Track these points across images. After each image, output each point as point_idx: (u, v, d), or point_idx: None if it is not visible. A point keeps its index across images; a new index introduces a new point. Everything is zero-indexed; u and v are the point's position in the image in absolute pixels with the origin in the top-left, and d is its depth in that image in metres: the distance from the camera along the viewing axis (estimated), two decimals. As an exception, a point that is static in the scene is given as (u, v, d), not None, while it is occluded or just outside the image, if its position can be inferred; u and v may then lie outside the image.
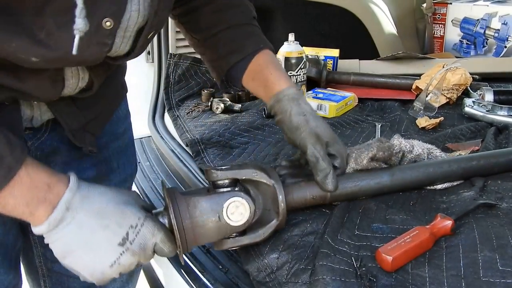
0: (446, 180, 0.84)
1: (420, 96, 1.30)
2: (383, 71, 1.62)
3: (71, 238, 0.60)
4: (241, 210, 0.65)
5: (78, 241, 0.60)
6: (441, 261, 0.64)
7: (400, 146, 0.84)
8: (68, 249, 0.60)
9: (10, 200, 0.57)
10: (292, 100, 0.81)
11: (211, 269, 0.81)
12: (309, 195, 0.75)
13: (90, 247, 0.60)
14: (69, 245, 0.60)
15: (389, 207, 0.79)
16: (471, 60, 1.71)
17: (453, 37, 2.04)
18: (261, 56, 0.88)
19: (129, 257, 0.62)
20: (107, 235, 0.60)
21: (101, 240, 0.60)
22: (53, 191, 0.59)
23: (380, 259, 0.64)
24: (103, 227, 0.60)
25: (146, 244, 0.63)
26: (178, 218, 0.64)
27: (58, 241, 0.60)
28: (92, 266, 0.61)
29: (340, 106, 1.34)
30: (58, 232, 0.59)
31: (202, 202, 0.65)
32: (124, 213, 0.62)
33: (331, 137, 0.79)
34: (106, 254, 0.61)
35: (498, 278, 0.59)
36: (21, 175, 0.57)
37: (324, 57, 1.61)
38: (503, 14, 1.86)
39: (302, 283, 0.63)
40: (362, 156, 0.79)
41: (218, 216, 0.65)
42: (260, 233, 0.69)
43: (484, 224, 0.70)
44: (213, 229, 0.65)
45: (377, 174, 0.80)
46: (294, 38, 1.29)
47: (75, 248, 0.60)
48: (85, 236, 0.60)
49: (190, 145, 1.19)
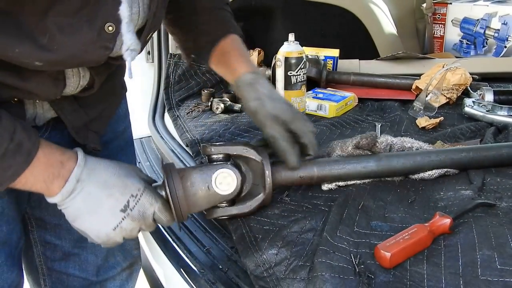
0: (433, 168, 0.85)
1: (420, 96, 1.30)
2: (383, 71, 1.62)
3: (80, 205, 0.68)
4: (229, 180, 0.73)
5: (86, 206, 0.68)
6: (439, 259, 0.64)
7: (387, 142, 0.86)
8: (78, 213, 0.69)
9: (30, 178, 0.64)
10: (249, 85, 0.83)
11: (211, 269, 0.81)
12: (296, 174, 0.80)
13: (96, 212, 0.68)
14: (79, 210, 0.68)
15: (387, 204, 0.79)
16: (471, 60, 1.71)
17: (453, 37, 2.04)
18: (228, 41, 0.90)
19: (129, 222, 0.70)
20: (110, 202, 0.69)
21: (105, 206, 0.68)
22: (65, 167, 0.67)
23: (378, 256, 0.64)
24: (107, 195, 0.68)
25: (145, 212, 0.71)
26: (172, 188, 0.71)
27: (69, 207, 0.68)
28: (98, 228, 0.69)
29: (340, 106, 1.34)
30: (70, 200, 0.67)
31: (193, 174, 0.73)
32: (125, 184, 0.70)
33: (290, 116, 0.79)
34: (110, 218, 0.69)
35: (496, 277, 0.59)
36: (39, 156, 0.64)
37: (324, 57, 1.61)
38: (503, 14, 1.85)
39: (300, 279, 0.64)
40: (347, 144, 0.84)
41: (207, 186, 0.73)
42: (247, 205, 0.77)
43: (483, 223, 0.70)
44: (204, 197, 0.73)
45: (364, 158, 0.83)
46: (294, 38, 1.29)
47: (83, 213, 0.68)
48: (92, 203, 0.68)
49: (190, 145, 1.19)
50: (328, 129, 1.22)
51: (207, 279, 0.79)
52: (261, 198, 0.77)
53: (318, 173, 0.81)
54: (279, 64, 1.28)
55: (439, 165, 0.85)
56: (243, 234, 0.75)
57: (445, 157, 0.86)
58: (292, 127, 0.79)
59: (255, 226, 0.76)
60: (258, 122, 0.81)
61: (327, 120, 1.28)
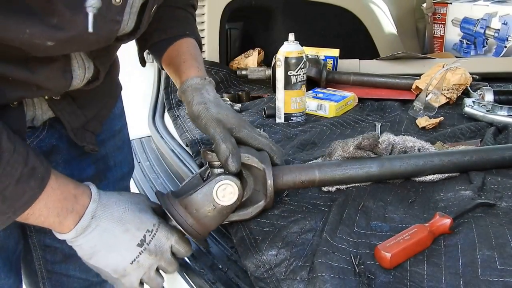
0: (435, 172, 0.85)
1: (420, 96, 1.30)
2: (383, 71, 1.62)
3: (96, 241, 0.67)
4: (230, 190, 0.72)
5: (102, 243, 0.67)
6: (439, 259, 0.64)
7: (389, 141, 0.86)
8: (94, 250, 0.67)
9: (44, 211, 0.62)
10: (195, 90, 0.81)
11: (211, 269, 0.81)
12: (297, 179, 0.80)
13: (113, 248, 0.67)
14: (95, 247, 0.67)
15: (387, 204, 0.79)
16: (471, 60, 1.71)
17: (453, 37, 2.04)
18: (182, 43, 0.88)
19: (147, 256, 0.69)
20: (127, 237, 0.68)
21: (122, 242, 0.68)
22: (79, 202, 0.66)
23: (378, 256, 0.64)
24: (123, 231, 0.68)
25: (162, 246, 0.70)
26: (181, 221, 0.70)
27: (84, 244, 0.67)
28: (115, 263, 0.68)
29: (340, 106, 1.34)
30: (84, 237, 0.66)
31: (195, 199, 0.71)
32: (141, 219, 0.70)
33: (236, 123, 0.77)
34: (127, 253, 0.68)
35: (496, 277, 0.59)
36: (52, 185, 0.62)
37: (324, 57, 1.61)
38: (503, 14, 1.85)
39: (300, 280, 0.63)
40: (348, 144, 0.82)
41: (212, 204, 0.71)
42: (248, 212, 0.76)
43: (483, 223, 0.70)
44: (215, 215, 0.72)
45: (365, 161, 0.83)
46: (294, 38, 1.29)
47: (100, 249, 0.67)
48: (109, 239, 0.67)
49: (190, 145, 1.19)
50: (328, 129, 1.22)
51: (207, 279, 0.79)
52: (262, 205, 0.77)
53: (320, 177, 0.80)
54: (279, 64, 1.28)
55: (441, 169, 0.85)
56: (243, 236, 0.75)
57: (448, 161, 0.85)
58: (239, 134, 0.77)
59: (254, 228, 0.76)
60: (200, 127, 0.78)
61: (327, 120, 1.28)
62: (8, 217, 0.60)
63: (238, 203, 0.73)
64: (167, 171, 1.27)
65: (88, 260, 0.69)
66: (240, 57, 1.79)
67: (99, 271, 0.70)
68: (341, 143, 0.84)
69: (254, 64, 1.73)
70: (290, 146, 1.11)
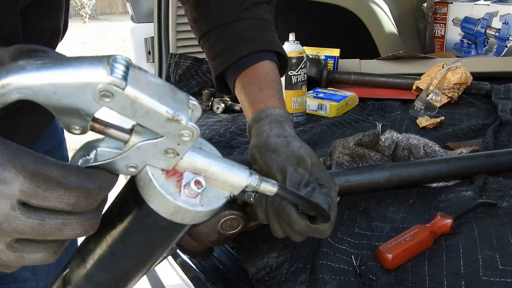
0: (442, 180, 0.84)
1: (421, 96, 1.30)
2: (384, 70, 1.62)
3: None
4: (235, 223, 0.66)
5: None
6: (441, 260, 0.64)
7: (393, 138, 0.85)
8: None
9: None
10: (275, 122, 0.65)
11: (212, 269, 0.81)
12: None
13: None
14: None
15: (388, 205, 0.79)
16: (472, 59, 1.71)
17: (454, 37, 2.04)
18: (259, 67, 0.73)
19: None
20: None
21: None
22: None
23: (380, 257, 0.64)
24: None
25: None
26: (187, 247, 0.68)
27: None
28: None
29: (340, 106, 1.34)
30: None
31: (200, 231, 0.67)
32: None
33: (317, 162, 0.60)
34: None
35: (498, 277, 0.59)
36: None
37: (324, 56, 1.61)
38: (504, 13, 1.85)
39: (301, 282, 0.63)
40: (349, 141, 0.82)
41: (216, 235, 0.67)
42: (251, 225, 0.72)
43: (484, 223, 0.70)
44: (219, 239, 0.68)
45: (373, 174, 0.81)
46: (294, 37, 1.29)
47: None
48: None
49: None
50: (329, 129, 1.22)
51: (208, 279, 0.79)
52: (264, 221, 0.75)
53: None
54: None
55: (448, 175, 0.84)
56: (243, 240, 0.75)
57: (456, 172, 0.84)
58: (315, 174, 0.58)
59: (254, 231, 0.76)
60: (274, 163, 0.58)
61: (328, 120, 1.28)
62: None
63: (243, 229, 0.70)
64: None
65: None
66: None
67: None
68: (342, 141, 0.84)
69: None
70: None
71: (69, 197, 0.34)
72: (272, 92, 0.71)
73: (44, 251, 0.36)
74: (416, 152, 0.87)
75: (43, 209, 0.34)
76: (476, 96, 1.42)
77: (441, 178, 0.84)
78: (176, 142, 0.35)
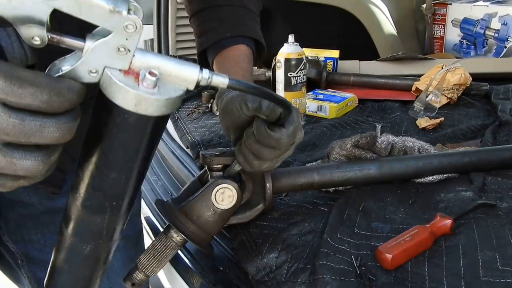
0: (434, 173, 0.85)
1: (420, 97, 1.30)
2: (383, 72, 1.62)
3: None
4: (228, 193, 0.70)
5: None
6: (440, 260, 0.64)
7: (389, 141, 0.86)
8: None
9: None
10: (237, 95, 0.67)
11: (212, 270, 0.81)
12: (296, 182, 0.80)
13: None
14: None
15: (388, 205, 0.79)
16: (471, 60, 1.71)
17: (453, 38, 2.04)
18: (235, 49, 0.83)
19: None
20: None
21: None
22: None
23: (380, 257, 0.64)
24: None
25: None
26: (183, 229, 0.69)
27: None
28: None
29: (340, 107, 1.34)
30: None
31: (194, 205, 0.70)
32: None
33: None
34: None
35: (498, 278, 0.59)
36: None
37: (324, 58, 1.61)
38: (503, 14, 1.85)
39: (301, 282, 0.63)
40: (346, 142, 0.83)
41: (212, 209, 0.70)
42: (247, 215, 0.76)
43: (484, 224, 0.70)
44: (216, 220, 0.71)
45: (364, 164, 0.83)
46: (294, 39, 1.29)
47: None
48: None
49: (191, 147, 1.19)
50: (329, 130, 1.22)
51: (208, 280, 0.79)
52: (261, 208, 0.77)
53: (319, 180, 0.80)
54: (279, 65, 1.28)
55: (440, 170, 0.85)
56: (243, 240, 0.75)
57: (447, 163, 0.85)
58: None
59: (254, 231, 0.76)
60: (237, 102, 0.63)
61: (328, 121, 1.28)
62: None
63: (238, 206, 0.72)
64: (167, 173, 1.27)
65: None
66: (240, 59, 1.78)
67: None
68: (339, 142, 0.85)
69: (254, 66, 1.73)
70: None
71: (42, 94, 0.37)
72: (238, 70, 0.80)
73: (32, 158, 0.40)
74: (411, 154, 0.88)
75: (22, 110, 0.37)
76: (475, 97, 1.42)
77: (433, 170, 0.85)
78: (124, 37, 0.39)
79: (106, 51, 0.40)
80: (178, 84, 0.44)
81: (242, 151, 0.65)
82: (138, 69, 0.42)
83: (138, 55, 0.41)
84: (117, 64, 0.41)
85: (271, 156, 0.62)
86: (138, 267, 0.72)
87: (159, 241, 0.72)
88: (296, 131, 0.61)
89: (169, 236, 0.71)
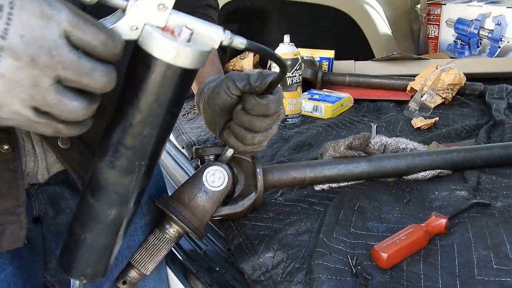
0: (425, 168, 0.86)
1: (415, 97, 1.31)
2: (378, 72, 1.63)
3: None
4: (219, 174, 0.72)
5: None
6: (436, 259, 0.64)
7: (382, 142, 0.87)
8: None
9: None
10: (213, 80, 0.73)
11: (208, 271, 0.81)
12: (288, 175, 0.81)
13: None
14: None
15: (383, 204, 0.79)
16: (465, 60, 1.72)
17: (447, 38, 2.05)
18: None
19: (10, 61, 0.40)
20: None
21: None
22: None
23: (375, 256, 0.64)
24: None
25: (38, 36, 0.39)
26: (177, 214, 0.70)
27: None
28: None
29: (336, 107, 1.35)
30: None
31: (185, 188, 0.72)
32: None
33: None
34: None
35: (492, 277, 0.59)
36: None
37: (319, 58, 1.61)
38: (497, 14, 1.86)
39: (297, 282, 0.63)
40: (339, 144, 0.84)
41: (203, 191, 0.71)
42: (240, 204, 0.77)
43: (478, 223, 0.71)
44: (207, 203, 0.72)
45: (355, 159, 0.84)
46: (289, 39, 1.29)
47: None
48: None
49: (187, 147, 1.19)
50: (324, 130, 1.22)
51: (204, 281, 0.79)
52: (254, 197, 0.78)
53: (310, 174, 0.82)
54: (275, 65, 1.28)
55: (431, 165, 0.86)
56: (240, 242, 0.75)
57: (436, 157, 0.86)
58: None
59: (250, 232, 0.76)
60: (221, 86, 0.67)
61: (323, 121, 1.28)
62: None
63: (228, 189, 0.74)
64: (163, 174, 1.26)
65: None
66: (235, 59, 1.79)
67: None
68: (332, 144, 0.85)
69: (250, 66, 1.73)
70: (286, 147, 1.11)
71: (100, 34, 0.41)
72: (213, 68, 0.82)
73: (79, 100, 0.42)
74: None
75: (80, 50, 0.41)
76: (470, 97, 1.42)
77: (425, 166, 0.86)
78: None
79: (148, 7, 0.43)
80: (206, 42, 0.47)
81: (232, 131, 0.67)
82: (173, 26, 0.45)
83: (173, 13, 0.45)
84: (156, 21, 0.44)
85: (262, 125, 0.65)
86: (131, 263, 0.72)
87: (153, 236, 0.73)
88: (281, 97, 0.66)
89: (163, 230, 0.72)
